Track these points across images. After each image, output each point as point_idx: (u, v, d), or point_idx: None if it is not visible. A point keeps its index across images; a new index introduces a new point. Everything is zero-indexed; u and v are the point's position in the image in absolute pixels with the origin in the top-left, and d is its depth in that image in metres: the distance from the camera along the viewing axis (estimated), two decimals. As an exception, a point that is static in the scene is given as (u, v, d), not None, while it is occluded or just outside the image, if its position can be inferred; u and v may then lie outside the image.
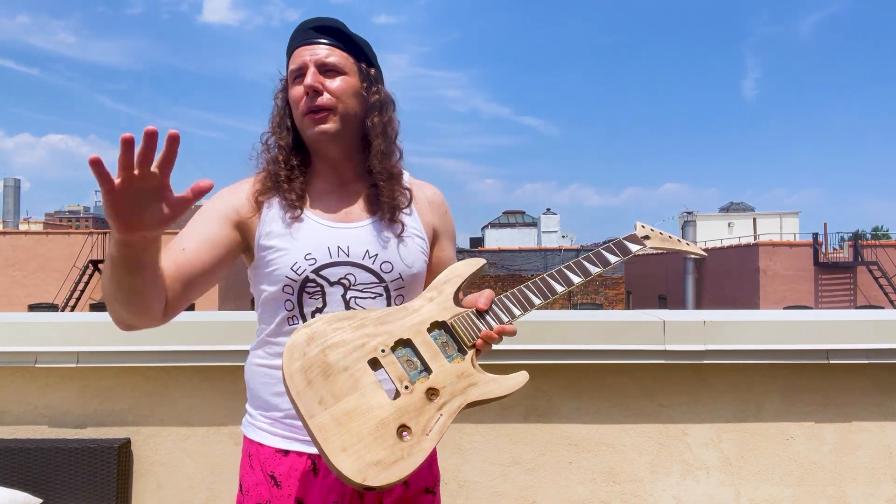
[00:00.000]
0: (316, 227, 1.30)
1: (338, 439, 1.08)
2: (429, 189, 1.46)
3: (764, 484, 2.23)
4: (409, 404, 1.13)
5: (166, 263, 1.20)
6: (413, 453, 1.09)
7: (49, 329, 2.14)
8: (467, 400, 1.16)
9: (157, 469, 2.19)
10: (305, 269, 1.26)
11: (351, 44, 1.34)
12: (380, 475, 1.06)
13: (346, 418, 1.09)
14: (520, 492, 2.22)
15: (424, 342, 1.19)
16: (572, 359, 2.16)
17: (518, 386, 1.20)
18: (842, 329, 2.17)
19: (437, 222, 1.44)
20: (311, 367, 1.12)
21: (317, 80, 1.28)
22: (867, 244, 21.13)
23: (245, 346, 2.09)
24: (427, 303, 1.24)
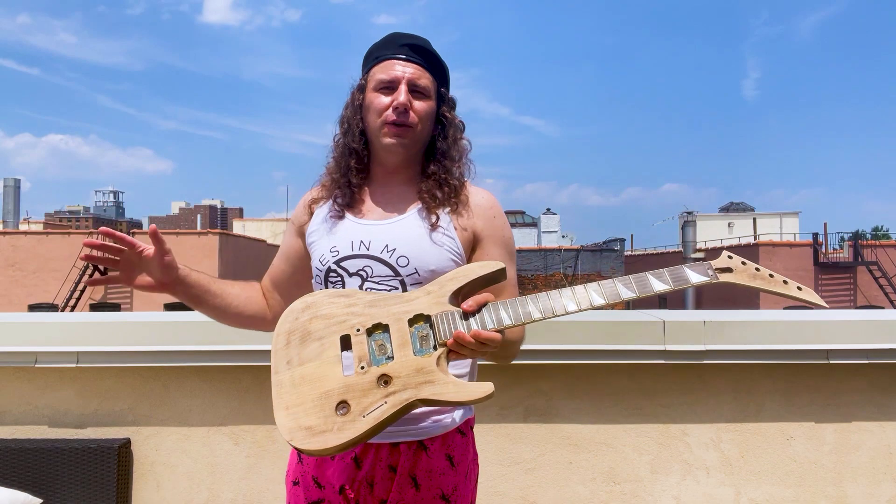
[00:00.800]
0: (348, 224, 1.41)
1: (286, 398, 1.19)
2: (480, 194, 1.47)
3: (764, 484, 2.23)
4: (356, 383, 1.18)
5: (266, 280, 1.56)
6: (343, 429, 1.15)
7: (49, 329, 2.14)
8: (418, 395, 1.17)
9: (157, 469, 2.19)
10: (329, 261, 1.38)
11: (438, 68, 1.45)
12: (305, 440, 1.15)
13: (300, 381, 1.20)
14: (520, 492, 2.22)
15: (399, 330, 1.22)
16: (572, 359, 2.16)
17: (478, 395, 1.16)
18: (842, 329, 2.17)
19: (481, 225, 1.43)
20: (295, 331, 1.24)
21: (408, 98, 1.38)
22: (867, 244, 21.14)
23: (245, 346, 2.10)
24: (424, 295, 1.26)
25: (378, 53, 1.44)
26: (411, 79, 1.38)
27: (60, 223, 57.94)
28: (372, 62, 1.44)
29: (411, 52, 1.41)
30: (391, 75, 1.39)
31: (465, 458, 1.41)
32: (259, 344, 2.09)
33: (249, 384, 2.18)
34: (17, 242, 20.08)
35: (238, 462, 2.20)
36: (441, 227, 1.38)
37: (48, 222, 39.21)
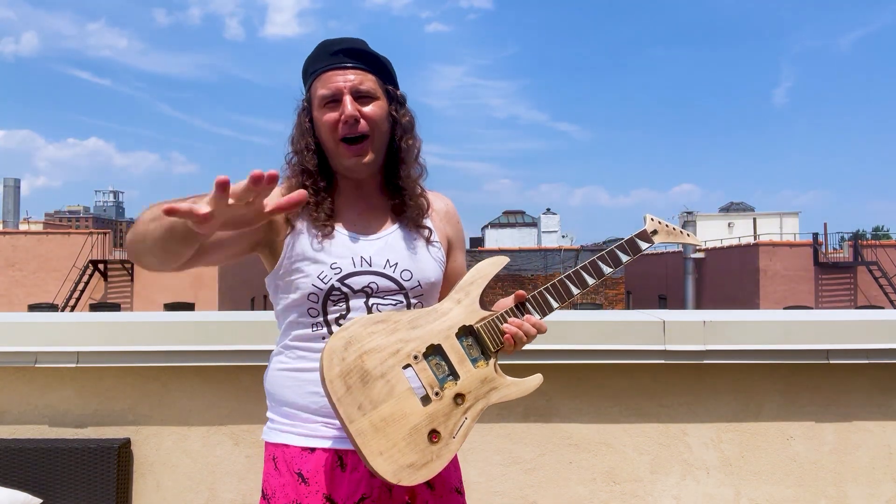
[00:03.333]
0: (343, 240, 1.35)
1: (375, 444, 1.19)
2: (441, 200, 1.51)
3: (764, 484, 2.23)
4: (438, 410, 1.23)
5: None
6: (441, 455, 1.22)
7: (49, 329, 2.14)
8: (489, 403, 1.27)
9: (157, 469, 2.19)
10: (331, 279, 1.32)
11: (379, 67, 1.38)
12: (412, 476, 1.19)
13: (383, 424, 1.20)
14: (520, 492, 2.22)
15: (452, 347, 1.27)
16: (572, 359, 2.16)
17: (534, 388, 1.31)
18: (842, 329, 2.17)
19: (451, 232, 1.51)
20: (350, 372, 1.21)
21: (355, 107, 1.32)
22: (867, 244, 21.13)
23: (245, 346, 2.10)
24: (455, 305, 1.31)
25: (314, 67, 1.37)
26: (353, 86, 1.33)
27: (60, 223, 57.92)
28: (311, 78, 1.38)
29: (346, 58, 1.35)
30: (332, 88, 1.33)
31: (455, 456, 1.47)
32: (259, 344, 2.09)
33: (249, 384, 2.18)
34: (17, 242, 20.07)
35: (238, 462, 2.20)
36: (434, 241, 1.43)
37: (48, 222, 39.22)
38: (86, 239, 19.84)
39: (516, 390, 1.29)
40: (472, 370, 1.26)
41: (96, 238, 19.97)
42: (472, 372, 1.26)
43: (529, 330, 1.30)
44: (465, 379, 1.25)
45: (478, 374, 1.27)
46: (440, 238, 1.45)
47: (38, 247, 19.91)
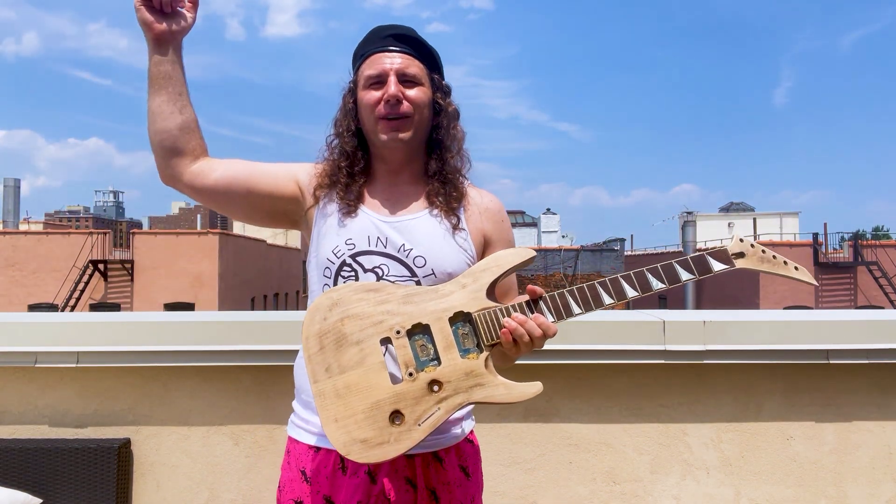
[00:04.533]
0: (363, 218, 1.35)
1: (333, 409, 1.14)
2: (486, 196, 1.47)
3: (764, 484, 2.23)
4: (407, 391, 1.15)
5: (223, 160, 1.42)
6: (400, 439, 1.13)
7: (49, 329, 2.14)
8: (470, 399, 1.17)
9: (157, 469, 2.19)
10: (344, 253, 1.32)
11: (426, 54, 1.40)
12: (363, 453, 1.12)
13: (346, 391, 1.15)
14: (520, 492, 2.22)
15: (441, 330, 1.18)
16: (572, 359, 2.15)
17: (528, 396, 1.20)
18: (842, 329, 2.17)
19: (490, 229, 1.43)
20: (328, 333, 1.17)
21: (399, 89, 1.33)
22: (867, 244, 21.13)
23: (245, 346, 2.09)
24: (459, 289, 1.22)
25: (363, 50, 1.40)
26: (399, 69, 1.34)
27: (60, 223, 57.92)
28: (359, 61, 1.40)
29: (396, 42, 1.37)
30: (378, 69, 1.35)
31: (477, 469, 1.42)
32: (260, 344, 2.09)
33: (249, 384, 2.18)
34: (17, 242, 20.08)
35: (238, 462, 2.20)
36: (462, 230, 1.38)
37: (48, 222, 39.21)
38: (86, 239, 19.84)
39: (504, 393, 1.18)
40: (457, 360, 1.17)
41: (96, 238, 19.97)
42: (457, 361, 1.17)
43: (533, 329, 1.19)
44: (447, 367, 1.16)
45: (463, 365, 1.17)
46: (474, 232, 1.40)
47: (38, 247, 19.91)
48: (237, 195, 1.39)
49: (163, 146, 1.37)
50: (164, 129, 1.36)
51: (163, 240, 20.35)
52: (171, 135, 1.36)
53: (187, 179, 1.37)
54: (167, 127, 1.36)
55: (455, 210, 1.38)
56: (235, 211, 1.44)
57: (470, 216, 1.41)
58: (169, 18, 1.35)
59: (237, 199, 1.39)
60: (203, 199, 1.41)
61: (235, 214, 1.46)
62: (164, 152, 1.37)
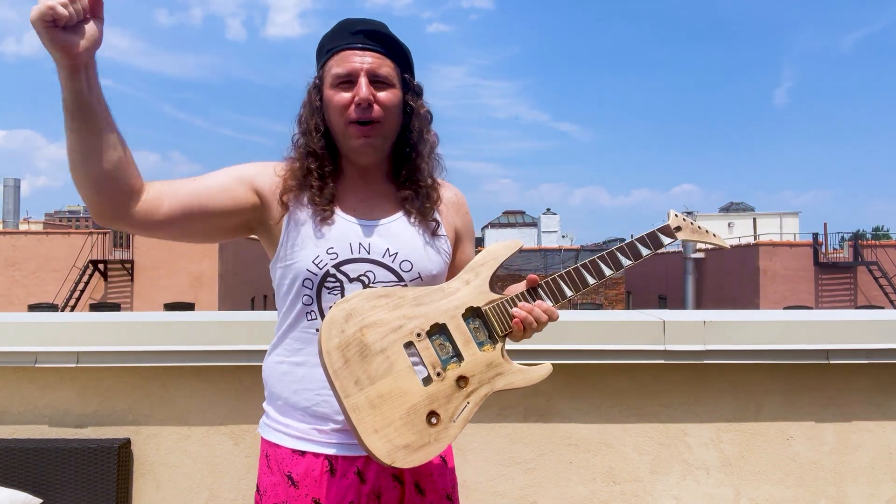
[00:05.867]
0: (342, 224, 1.30)
1: (370, 421, 1.14)
2: (450, 190, 1.45)
3: (764, 484, 2.23)
4: (439, 391, 1.18)
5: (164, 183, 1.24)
6: (440, 438, 1.17)
7: (49, 329, 2.14)
8: (493, 389, 1.22)
9: (157, 469, 2.19)
10: (327, 264, 1.27)
11: (398, 53, 1.33)
12: (408, 457, 1.14)
13: (380, 401, 1.15)
14: (520, 492, 2.22)
15: (458, 328, 1.22)
16: (572, 359, 2.15)
17: (541, 377, 1.25)
18: (842, 329, 2.17)
19: (459, 223, 1.45)
20: (349, 345, 1.16)
21: (370, 91, 1.27)
22: (867, 244, 21.13)
23: (245, 346, 2.09)
24: (463, 285, 1.26)
25: (331, 45, 1.32)
26: (371, 69, 1.27)
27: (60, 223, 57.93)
28: (326, 55, 1.32)
29: (367, 40, 1.29)
30: (348, 68, 1.27)
31: (451, 457, 1.44)
32: (260, 344, 2.09)
33: (249, 384, 2.18)
34: (17, 242, 20.08)
35: (238, 462, 2.20)
36: (441, 234, 1.38)
37: (48, 222, 39.21)
38: (86, 239, 19.84)
39: (522, 378, 1.24)
40: (477, 353, 1.22)
41: (96, 238, 19.97)
42: (477, 355, 1.22)
43: (540, 316, 1.25)
44: (470, 362, 1.21)
45: (483, 357, 1.22)
46: (447, 229, 1.40)
47: (38, 247, 19.91)
48: (192, 223, 1.26)
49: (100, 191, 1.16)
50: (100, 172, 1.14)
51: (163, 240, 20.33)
52: (110, 177, 1.15)
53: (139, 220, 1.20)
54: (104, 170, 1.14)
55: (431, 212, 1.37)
56: (192, 237, 1.31)
57: (443, 214, 1.41)
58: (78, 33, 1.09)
59: (194, 226, 1.27)
60: (154, 235, 1.26)
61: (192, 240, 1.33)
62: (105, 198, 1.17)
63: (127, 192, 1.18)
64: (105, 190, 1.16)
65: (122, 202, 1.18)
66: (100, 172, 1.14)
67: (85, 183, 1.15)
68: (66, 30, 1.07)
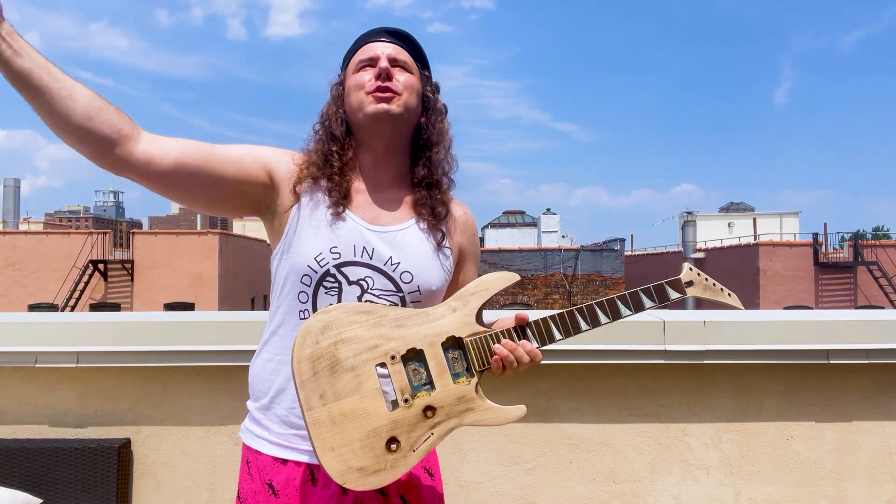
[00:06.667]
0: (350, 225, 1.29)
1: (329, 438, 1.12)
2: (460, 208, 1.44)
3: (764, 484, 2.23)
4: (403, 418, 1.15)
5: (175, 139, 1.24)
6: (396, 466, 1.13)
7: (49, 329, 2.14)
8: (461, 423, 1.18)
9: (157, 469, 2.19)
10: (328, 262, 1.25)
11: (417, 51, 1.39)
12: (360, 481, 1.11)
13: (342, 419, 1.13)
14: (520, 492, 2.22)
15: (435, 356, 1.19)
16: (572, 359, 2.16)
17: (515, 418, 1.21)
18: (842, 329, 2.17)
19: (466, 244, 1.43)
20: (321, 357, 1.14)
21: (389, 66, 1.31)
22: (867, 244, 21.13)
23: (245, 346, 2.09)
24: (449, 313, 1.22)
25: (357, 43, 1.39)
26: (391, 55, 1.33)
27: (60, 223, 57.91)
28: (351, 53, 1.39)
29: (389, 35, 1.36)
30: (370, 53, 1.33)
31: (437, 468, 1.42)
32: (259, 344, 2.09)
33: (249, 384, 2.18)
34: (17, 242, 20.08)
35: (238, 462, 2.19)
36: (445, 247, 1.36)
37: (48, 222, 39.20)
38: (86, 239, 19.84)
39: (493, 416, 1.19)
40: (450, 385, 1.17)
41: (96, 238, 19.97)
42: (450, 387, 1.17)
43: (522, 356, 1.20)
44: (441, 392, 1.17)
45: (456, 390, 1.18)
46: (452, 247, 1.38)
47: (38, 247, 19.91)
48: (199, 182, 1.24)
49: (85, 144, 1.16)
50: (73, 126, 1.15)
51: (163, 240, 20.35)
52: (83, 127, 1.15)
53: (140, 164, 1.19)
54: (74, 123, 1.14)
55: (440, 224, 1.35)
56: (194, 199, 1.29)
57: (451, 231, 1.39)
58: None
59: (199, 186, 1.25)
60: (156, 187, 1.23)
61: (193, 203, 1.30)
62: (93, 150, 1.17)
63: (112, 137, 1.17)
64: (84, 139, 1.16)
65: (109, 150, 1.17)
66: (69, 125, 1.15)
67: (65, 139, 1.16)
68: None
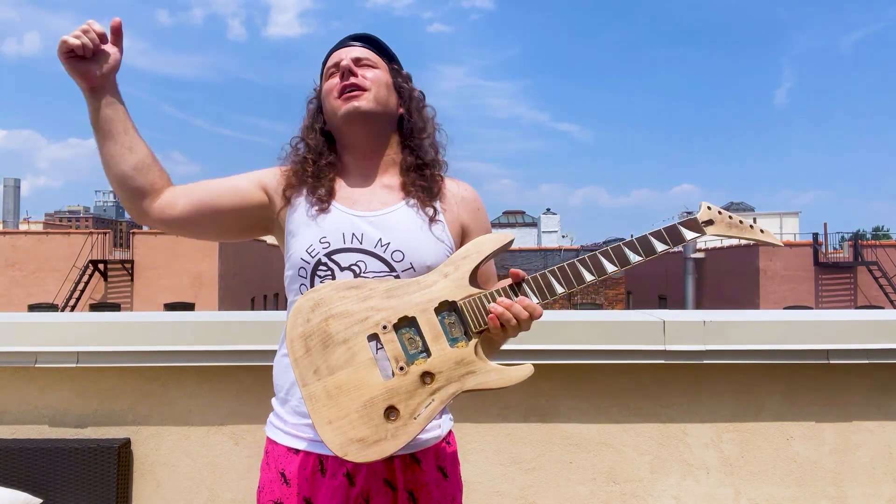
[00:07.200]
0: (337, 215, 1.34)
1: (325, 411, 1.12)
2: (461, 186, 1.47)
3: (764, 484, 2.23)
4: (400, 386, 1.14)
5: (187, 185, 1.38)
6: (398, 434, 1.12)
7: (49, 329, 2.14)
8: (463, 388, 1.16)
9: (157, 469, 2.19)
10: (319, 253, 1.30)
11: (382, 48, 1.45)
12: (361, 452, 1.11)
13: (337, 392, 1.13)
14: (520, 492, 2.22)
15: (428, 322, 1.17)
16: (572, 359, 2.16)
17: (520, 378, 1.17)
18: (842, 329, 2.17)
19: (468, 219, 1.43)
20: (312, 335, 1.15)
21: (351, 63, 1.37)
22: (867, 244, 21.13)
23: (245, 346, 2.10)
24: (441, 279, 1.21)
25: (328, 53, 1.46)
26: (355, 56, 1.39)
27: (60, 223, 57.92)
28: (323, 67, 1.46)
29: (352, 40, 1.43)
30: (336, 59, 1.40)
31: (455, 469, 1.41)
32: (260, 344, 2.09)
33: (250, 384, 2.18)
34: (17, 242, 20.07)
35: (238, 462, 2.20)
36: (439, 221, 1.36)
37: (48, 222, 39.20)
38: (86, 239, 19.83)
39: (497, 378, 1.16)
40: (447, 349, 1.16)
41: (96, 238, 19.96)
42: (446, 351, 1.15)
43: (520, 312, 1.17)
44: (438, 357, 1.15)
45: (454, 354, 1.15)
46: (451, 222, 1.39)
47: (38, 247, 19.90)
48: (205, 219, 1.37)
49: (123, 189, 1.33)
50: (121, 172, 1.31)
51: (163, 240, 20.35)
52: (128, 176, 1.31)
53: (155, 216, 1.35)
54: (123, 170, 1.31)
55: (432, 200, 1.37)
56: (206, 234, 1.43)
57: (447, 207, 1.40)
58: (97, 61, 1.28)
59: (205, 223, 1.38)
60: (173, 231, 1.39)
61: (208, 237, 1.46)
62: (127, 194, 1.34)
63: (146, 190, 1.33)
64: (126, 188, 1.32)
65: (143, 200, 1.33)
66: (120, 173, 1.31)
67: (111, 181, 1.33)
68: (84, 59, 1.26)
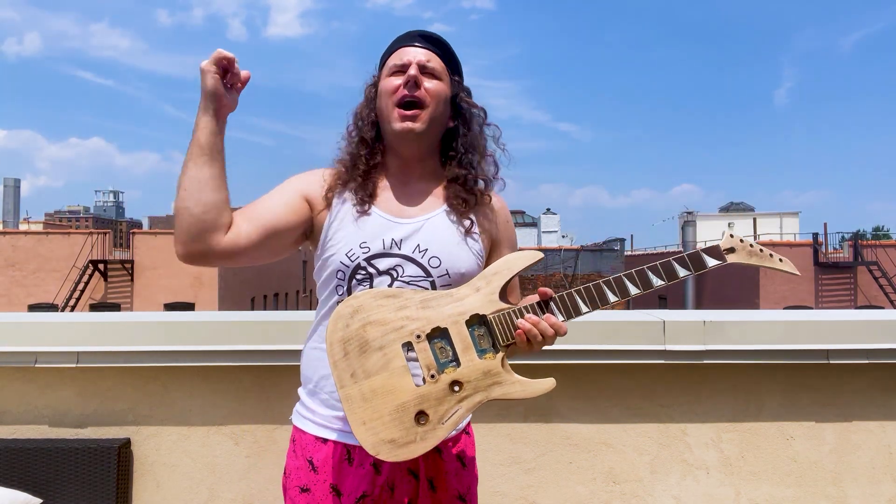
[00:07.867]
0: (378, 220, 1.37)
1: (360, 412, 1.20)
2: (494, 198, 1.49)
3: (764, 484, 2.23)
4: (430, 393, 1.22)
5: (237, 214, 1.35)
6: (426, 437, 1.21)
7: (49, 329, 2.14)
8: (489, 397, 1.24)
9: (157, 469, 2.19)
10: (359, 257, 1.34)
11: (450, 57, 1.45)
12: (392, 452, 1.19)
13: (372, 395, 1.21)
14: (520, 492, 2.22)
15: (459, 333, 1.25)
16: (572, 359, 2.16)
17: (543, 391, 1.27)
18: (842, 329, 2.17)
19: (497, 231, 1.48)
20: (351, 339, 1.23)
21: (418, 73, 1.37)
22: (867, 244, 21.13)
23: (245, 346, 2.10)
24: (473, 292, 1.28)
25: (392, 46, 1.45)
26: (422, 61, 1.38)
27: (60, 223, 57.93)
28: (386, 55, 1.45)
29: (423, 40, 1.42)
30: (403, 58, 1.39)
31: (473, 460, 1.48)
32: (260, 344, 2.09)
33: (249, 384, 2.18)
34: (17, 242, 20.08)
35: (238, 462, 2.20)
36: (474, 232, 1.41)
37: (48, 222, 39.20)
38: (86, 239, 19.84)
39: (520, 390, 1.26)
40: (475, 360, 1.24)
41: (96, 238, 19.97)
42: (475, 362, 1.24)
43: (546, 329, 1.25)
44: (467, 367, 1.23)
45: (482, 365, 1.24)
46: (484, 233, 1.43)
47: (38, 247, 19.91)
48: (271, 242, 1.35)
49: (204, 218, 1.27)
50: (211, 201, 1.27)
51: (163, 240, 20.35)
52: (217, 208, 1.28)
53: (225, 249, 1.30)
54: (214, 200, 1.27)
55: (469, 212, 1.41)
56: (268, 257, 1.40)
57: (481, 218, 1.45)
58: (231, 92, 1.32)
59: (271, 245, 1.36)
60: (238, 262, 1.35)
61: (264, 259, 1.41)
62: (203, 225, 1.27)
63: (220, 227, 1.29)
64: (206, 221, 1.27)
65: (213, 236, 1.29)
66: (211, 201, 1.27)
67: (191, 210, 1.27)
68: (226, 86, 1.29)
